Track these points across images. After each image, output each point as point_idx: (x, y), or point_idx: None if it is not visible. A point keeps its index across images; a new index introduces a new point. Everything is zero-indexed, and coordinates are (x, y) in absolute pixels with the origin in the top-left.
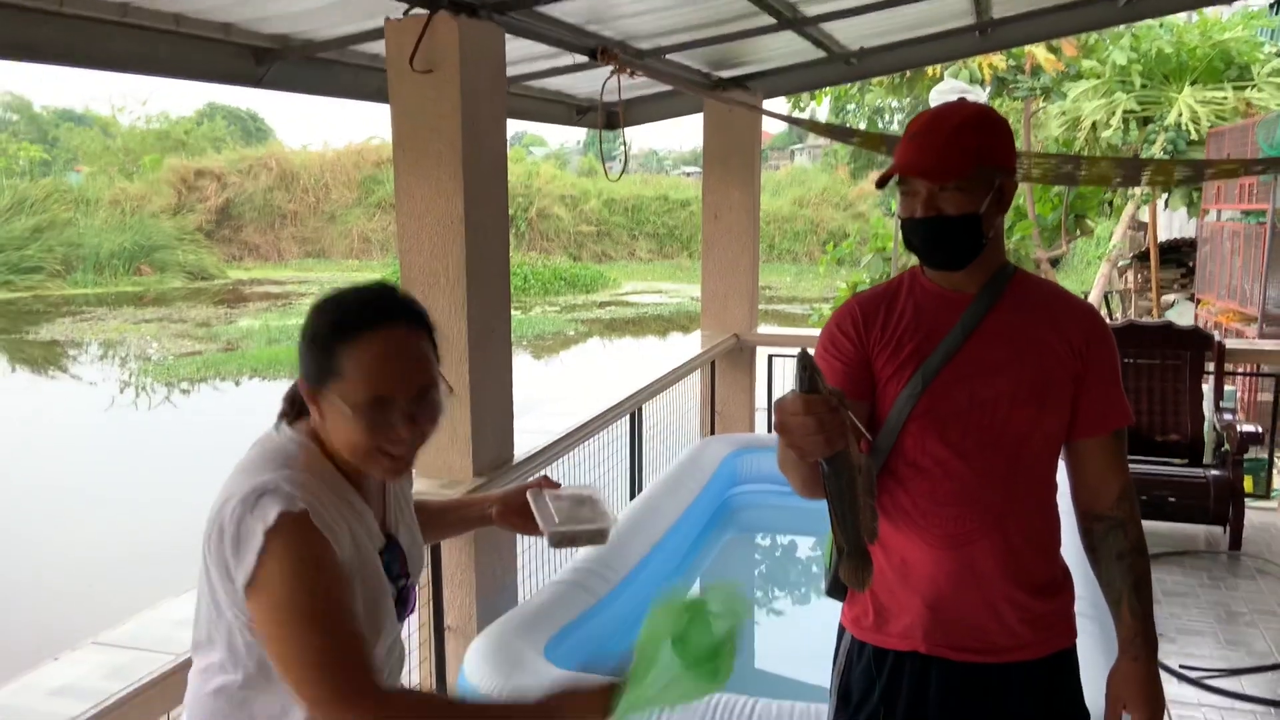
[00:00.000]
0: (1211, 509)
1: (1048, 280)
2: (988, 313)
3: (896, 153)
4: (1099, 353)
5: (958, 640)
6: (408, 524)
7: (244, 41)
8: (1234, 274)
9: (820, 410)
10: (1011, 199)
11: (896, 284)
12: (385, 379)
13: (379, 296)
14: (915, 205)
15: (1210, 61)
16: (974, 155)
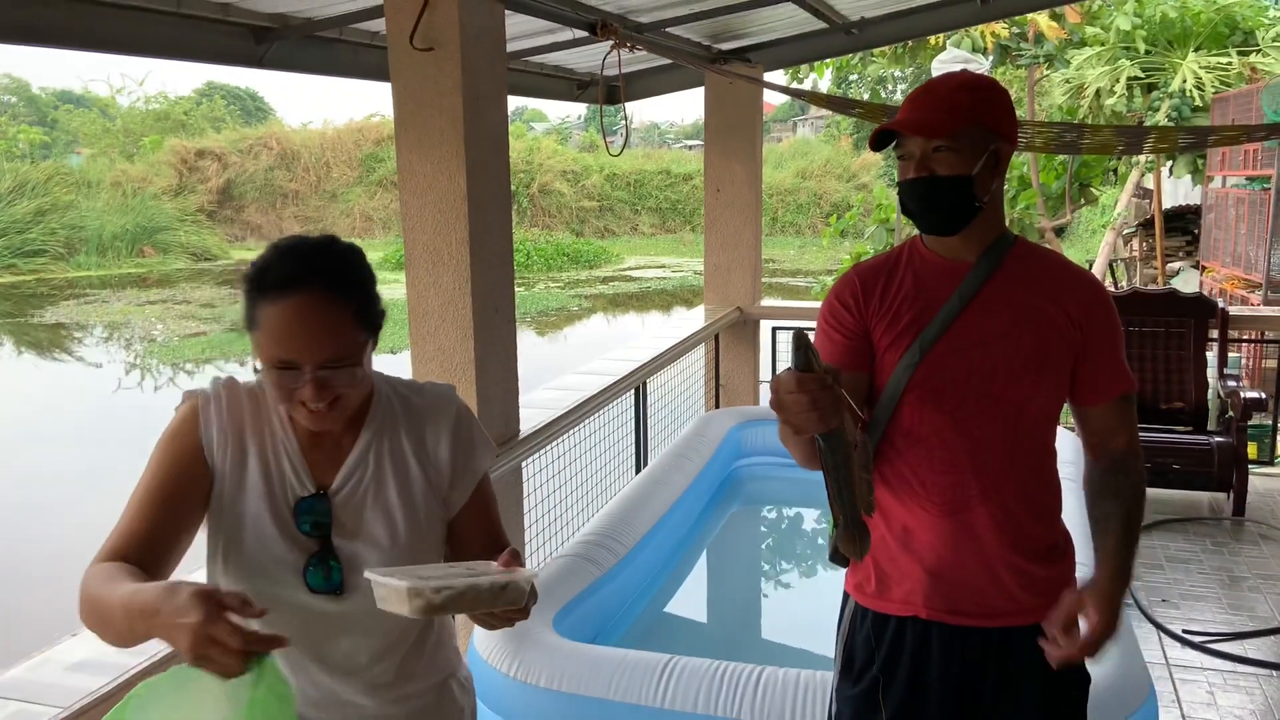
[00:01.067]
0: (1215, 475)
1: (1049, 249)
2: (986, 282)
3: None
4: (1099, 322)
5: (958, 605)
6: (365, 504)
7: (243, 21)
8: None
9: (814, 388)
10: (1007, 166)
11: (896, 254)
12: (290, 344)
13: (307, 257)
14: (909, 167)
15: (1215, 27)
16: (967, 112)
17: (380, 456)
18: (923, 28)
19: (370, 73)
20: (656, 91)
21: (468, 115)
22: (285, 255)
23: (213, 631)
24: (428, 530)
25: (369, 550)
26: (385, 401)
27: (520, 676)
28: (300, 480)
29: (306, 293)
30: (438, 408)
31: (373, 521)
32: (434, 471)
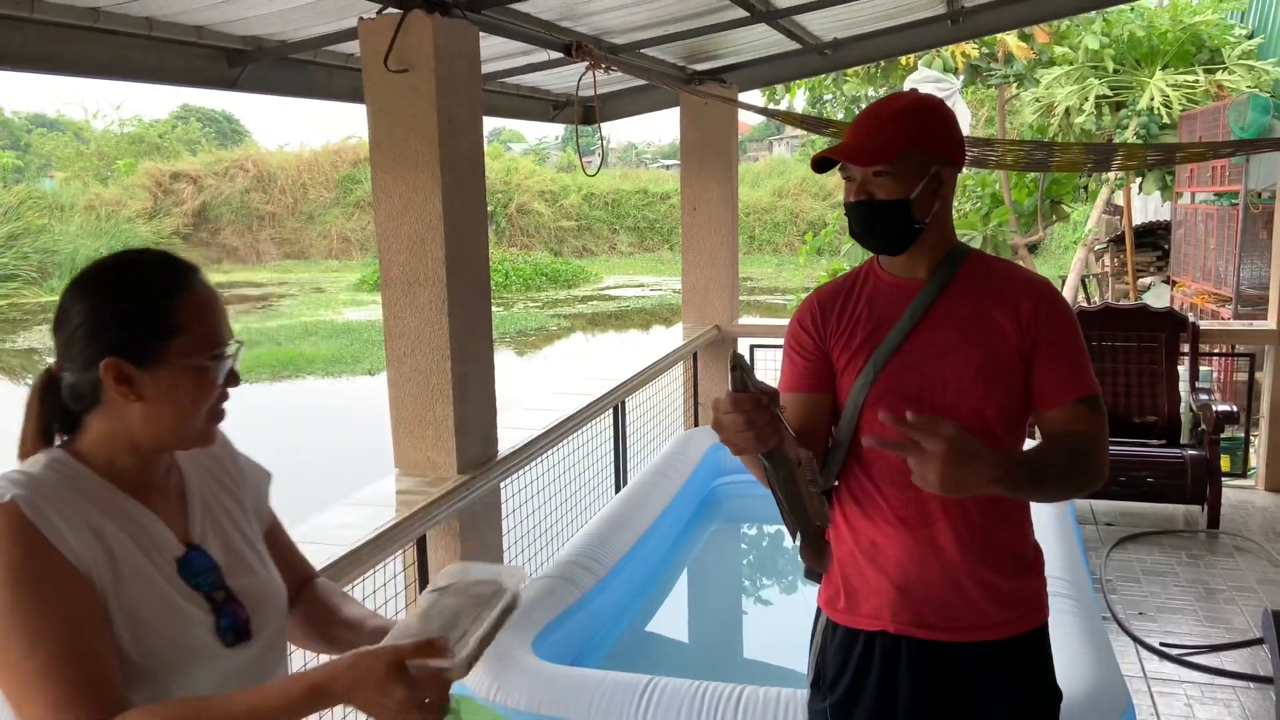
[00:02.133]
0: (1189, 488)
1: (1002, 260)
2: (937, 298)
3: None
4: (1052, 325)
5: (924, 619)
6: (229, 538)
7: (217, 44)
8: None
9: (748, 408)
10: (952, 186)
11: (854, 275)
12: (219, 327)
13: (167, 254)
14: (851, 190)
15: (1181, 45)
16: (904, 140)
17: (209, 493)
18: (894, 48)
19: (345, 95)
20: (632, 112)
21: (443, 137)
22: (156, 260)
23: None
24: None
25: (254, 586)
26: None
27: (500, 700)
28: (169, 540)
29: (201, 279)
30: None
31: (244, 558)
32: (247, 497)
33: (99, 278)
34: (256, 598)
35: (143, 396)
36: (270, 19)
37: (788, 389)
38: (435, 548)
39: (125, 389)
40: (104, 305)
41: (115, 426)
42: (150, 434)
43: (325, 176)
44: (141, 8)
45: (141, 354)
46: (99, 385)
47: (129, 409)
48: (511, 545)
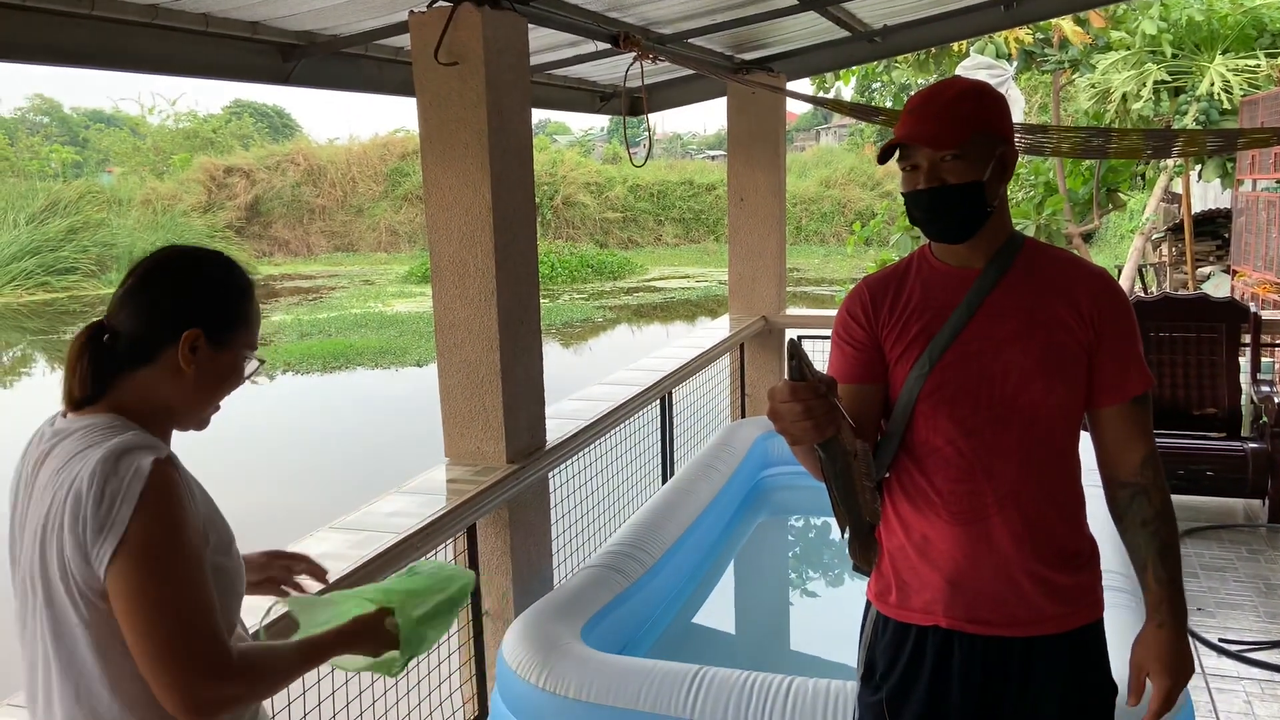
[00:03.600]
0: (1250, 481)
1: (1059, 249)
2: (995, 286)
3: (896, 127)
4: (1111, 318)
5: (978, 614)
6: None
7: (271, 39)
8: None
9: (807, 397)
10: (1013, 169)
11: (905, 264)
12: (258, 332)
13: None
14: (918, 178)
15: (1242, 29)
16: (972, 122)
17: None
18: (946, 34)
19: (395, 88)
20: (679, 102)
21: (492, 128)
22: (231, 260)
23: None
24: None
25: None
26: None
27: (549, 687)
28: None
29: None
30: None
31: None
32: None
33: (198, 259)
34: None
35: (198, 368)
36: (323, 14)
37: (837, 380)
38: (485, 536)
39: (190, 358)
40: (204, 281)
41: (154, 388)
42: (179, 404)
43: (374, 170)
44: (198, 4)
45: (219, 333)
46: (162, 347)
47: (173, 378)
48: (560, 535)
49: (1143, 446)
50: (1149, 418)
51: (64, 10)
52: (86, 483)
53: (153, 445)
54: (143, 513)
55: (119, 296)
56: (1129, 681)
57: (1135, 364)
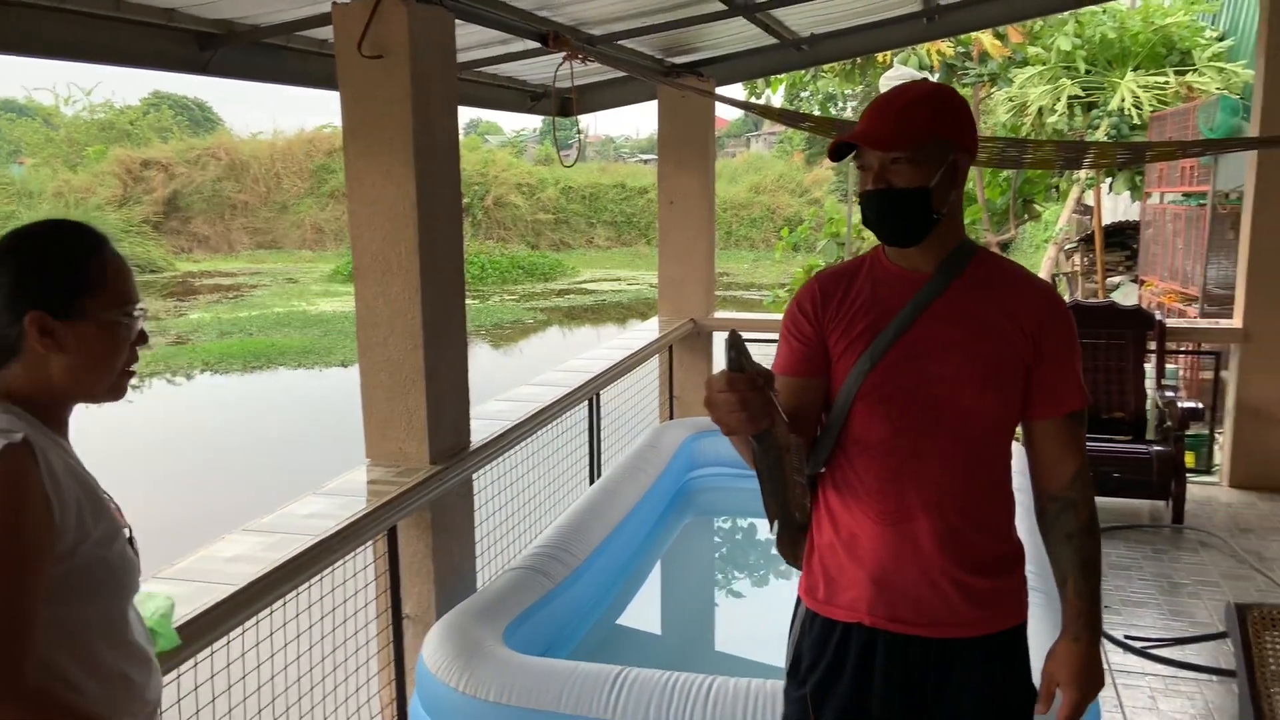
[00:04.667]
0: (1155, 483)
1: (1010, 261)
2: (942, 292)
3: (856, 126)
4: (1054, 335)
5: (900, 613)
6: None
7: (188, 27)
8: (1176, 255)
9: (743, 389)
10: (965, 176)
11: (859, 263)
12: (132, 288)
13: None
14: (868, 178)
15: (1153, 47)
16: (926, 127)
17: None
18: (870, 45)
19: (319, 81)
20: (610, 104)
21: (417, 123)
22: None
23: None
24: None
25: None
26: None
27: (469, 691)
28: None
29: (113, 247)
30: None
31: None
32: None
33: (23, 240)
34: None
35: (63, 348)
36: (243, 2)
37: (781, 372)
38: (406, 538)
39: (47, 341)
40: (28, 263)
41: (34, 377)
42: (68, 384)
43: (299, 166)
44: None
45: (63, 307)
46: (21, 337)
47: (49, 360)
48: (485, 537)
49: (1074, 461)
50: (1082, 434)
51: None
52: None
53: (6, 430)
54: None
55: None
56: (1040, 689)
57: (1072, 380)
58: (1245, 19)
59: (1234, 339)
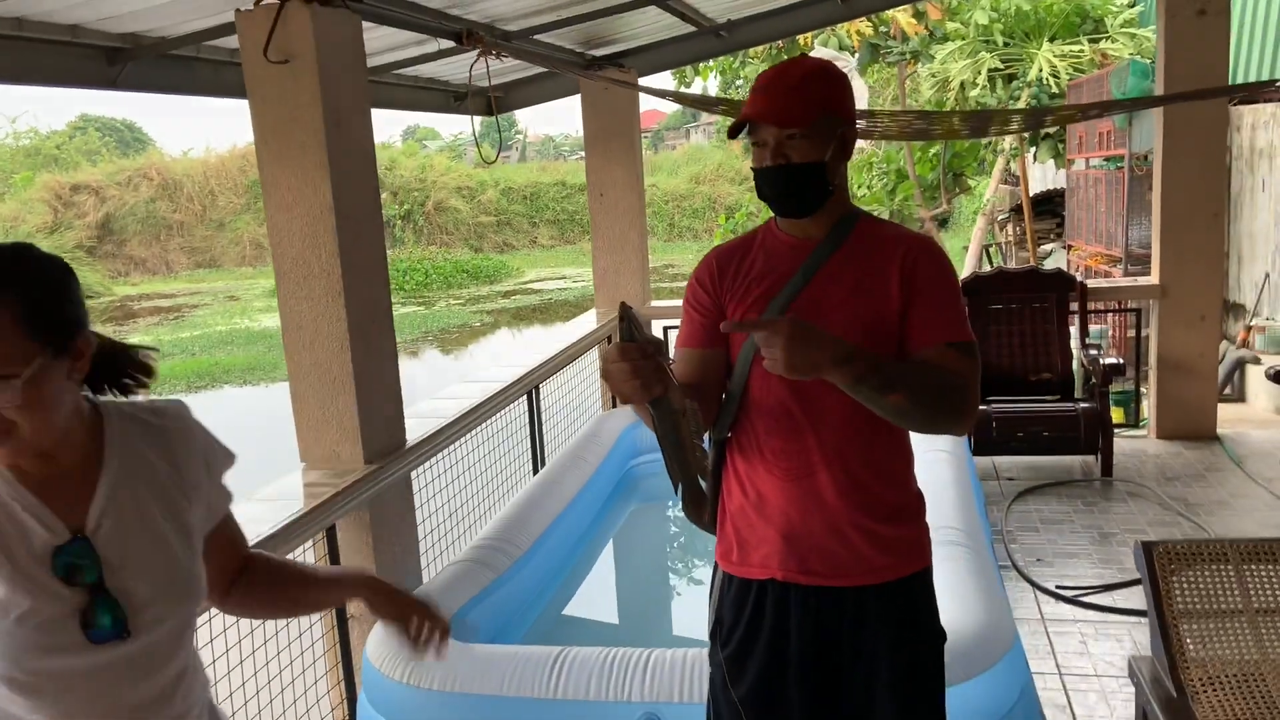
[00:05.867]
0: (1083, 439)
1: (892, 223)
2: (830, 257)
3: (746, 104)
4: (924, 275)
5: (810, 565)
6: (133, 534)
7: (93, 43)
8: (1099, 219)
9: (635, 357)
10: (852, 149)
11: (751, 236)
12: None
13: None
14: (765, 155)
15: (1067, 17)
16: (818, 104)
17: (134, 483)
18: (788, 28)
19: (231, 90)
20: (534, 101)
21: (329, 127)
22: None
23: None
24: (199, 550)
25: (146, 584)
26: (118, 425)
27: (414, 682)
28: (49, 529)
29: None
30: (181, 423)
31: (146, 553)
32: (193, 488)
33: None
34: (143, 599)
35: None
36: (147, 14)
37: (684, 345)
38: (346, 538)
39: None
40: None
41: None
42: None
43: (234, 182)
44: (10, 8)
45: None
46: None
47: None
48: (428, 534)
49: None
50: (969, 368)
51: None
52: None
53: None
54: None
55: None
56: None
57: (949, 314)
58: None
59: (1152, 295)
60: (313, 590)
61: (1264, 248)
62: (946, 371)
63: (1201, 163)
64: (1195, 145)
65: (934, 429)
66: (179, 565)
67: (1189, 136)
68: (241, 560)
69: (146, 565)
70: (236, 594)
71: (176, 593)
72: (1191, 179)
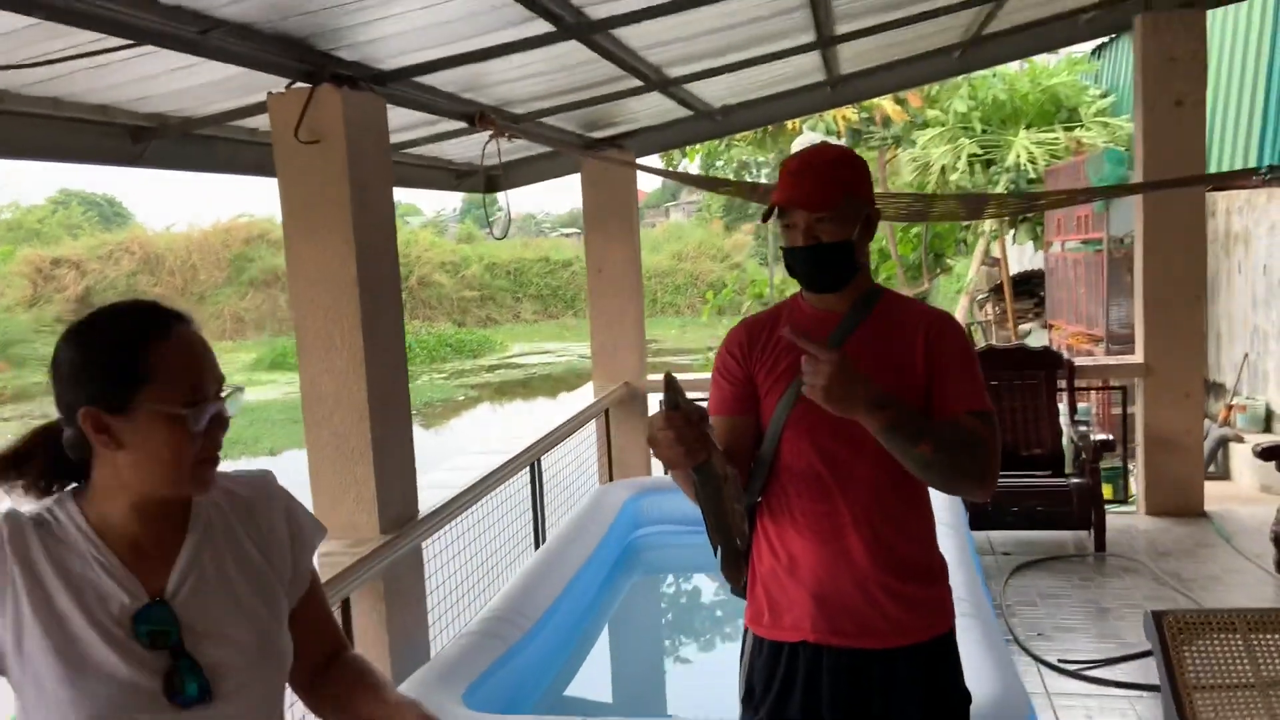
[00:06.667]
0: (1076, 514)
1: (912, 299)
2: (855, 329)
3: (777, 189)
4: (944, 348)
5: (840, 626)
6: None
7: (121, 121)
8: (1079, 300)
9: (679, 424)
10: (875, 229)
11: (778, 309)
12: (200, 373)
13: (154, 303)
14: (796, 235)
15: (1041, 106)
16: (844, 188)
17: (218, 551)
18: (779, 113)
19: (248, 168)
20: (535, 179)
21: (355, 204)
22: (134, 309)
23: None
24: (284, 620)
25: (229, 650)
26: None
27: None
28: (130, 593)
29: (186, 324)
30: (267, 492)
31: (228, 620)
32: (278, 558)
33: (79, 328)
34: (226, 664)
35: (122, 444)
36: (177, 95)
37: (715, 413)
38: (360, 609)
39: (104, 437)
40: (80, 355)
41: (109, 473)
42: (139, 482)
43: (216, 256)
44: (47, 88)
45: (114, 402)
46: (85, 437)
47: (116, 458)
48: (436, 605)
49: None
50: (990, 434)
51: None
52: None
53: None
54: None
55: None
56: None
57: (970, 384)
58: (1124, 77)
59: (1137, 374)
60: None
61: (1242, 329)
62: (971, 433)
63: (1182, 246)
64: (1175, 230)
65: (957, 486)
66: (262, 633)
67: (1169, 222)
68: (331, 648)
69: (228, 631)
70: (320, 686)
71: (260, 660)
72: (1172, 262)
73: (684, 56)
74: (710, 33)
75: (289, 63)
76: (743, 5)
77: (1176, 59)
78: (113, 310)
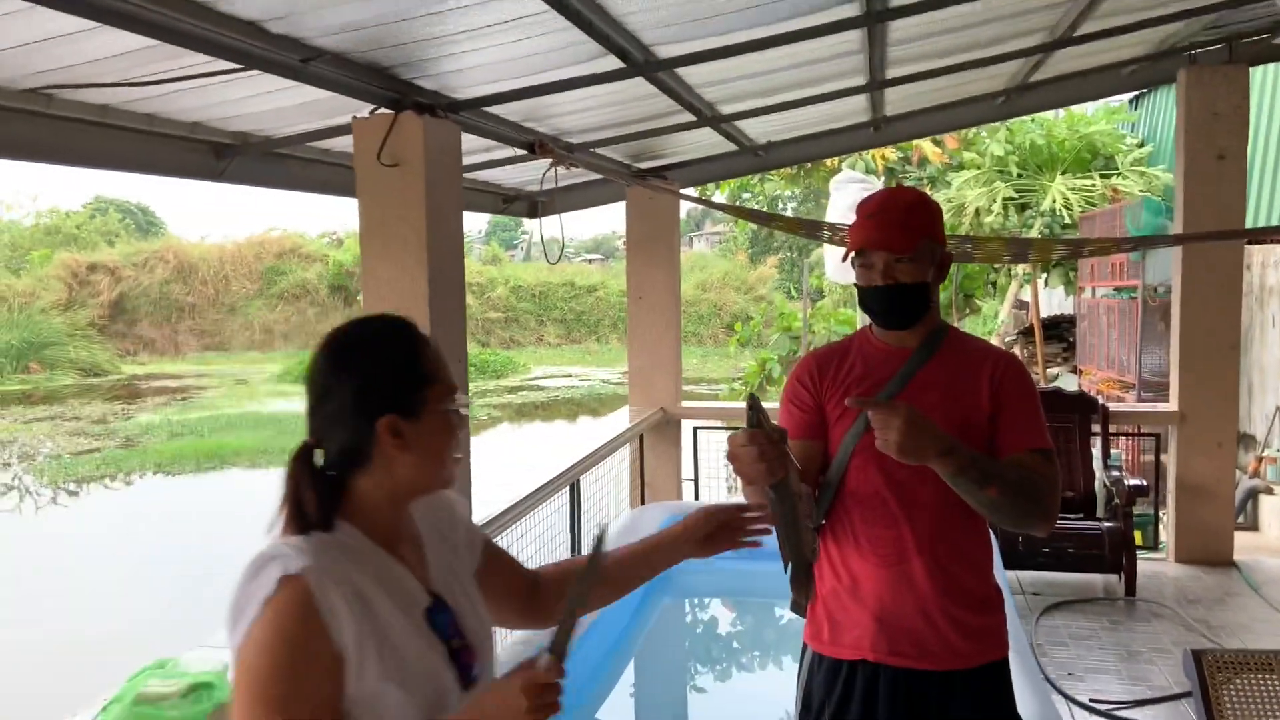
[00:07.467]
0: (1107, 558)
1: (977, 337)
2: (924, 365)
3: (855, 229)
4: (1009, 387)
5: (899, 648)
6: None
7: (207, 138)
8: (1111, 346)
9: (762, 442)
10: (948, 270)
11: (848, 342)
12: (450, 375)
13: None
14: (874, 275)
15: (1078, 153)
16: (922, 231)
17: (433, 535)
18: (821, 151)
19: (317, 186)
20: (578, 205)
21: (430, 226)
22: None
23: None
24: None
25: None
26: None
27: None
28: (419, 593)
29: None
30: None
31: (471, 612)
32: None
33: (354, 350)
34: (480, 641)
35: (410, 447)
36: (261, 116)
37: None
38: None
39: (399, 442)
40: (372, 367)
41: (380, 482)
42: (413, 482)
43: (249, 268)
44: (147, 105)
45: (410, 407)
46: (370, 445)
47: (397, 462)
48: None
49: (1042, 471)
50: (1053, 471)
51: (20, 107)
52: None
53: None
54: (255, 627)
55: (309, 411)
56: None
57: (1034, 423)
58: (1161, 127)
59: (1171, 421)
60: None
61: (1274, 380)
62: (1034, 472)
63: (1219, 297)
64: (1213, 281)
65: (1021, 524)
66: (485, 621)
67: (1207, 273)
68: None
69: (470, 613)
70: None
71: (489, 635)
72: (1210, 312)
73: (738, 94)
74: (768, 72)
75: (376, 90)
76: (805, 47)
77: (1219, 113)
78: (365, 326)
